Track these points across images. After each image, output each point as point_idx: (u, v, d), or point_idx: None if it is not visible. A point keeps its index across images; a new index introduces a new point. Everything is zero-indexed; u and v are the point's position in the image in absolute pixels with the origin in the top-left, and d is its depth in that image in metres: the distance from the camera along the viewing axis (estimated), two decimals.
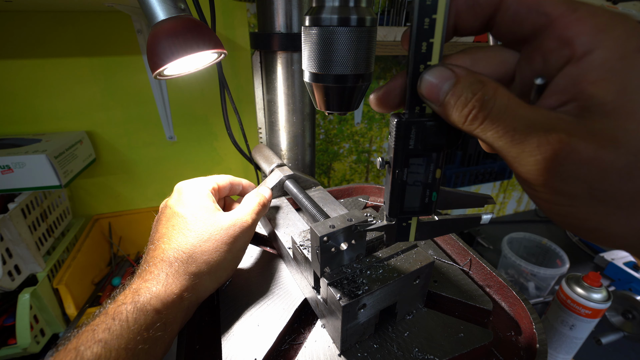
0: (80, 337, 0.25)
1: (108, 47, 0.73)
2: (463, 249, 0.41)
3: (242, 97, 0.86)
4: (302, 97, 0.52)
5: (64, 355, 0.23)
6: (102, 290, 0.79)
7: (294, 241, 0.33)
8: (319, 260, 0.27)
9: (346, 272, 0.28)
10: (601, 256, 1.01)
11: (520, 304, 0.33)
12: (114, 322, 0.25)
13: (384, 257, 0.30)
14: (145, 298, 0.27)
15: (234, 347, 0.29)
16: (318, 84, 0.28)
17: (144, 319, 0.26)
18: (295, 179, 0.47)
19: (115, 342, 0.24)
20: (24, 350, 0.63)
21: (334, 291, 0.27)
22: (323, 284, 0.28)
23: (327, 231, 0.27)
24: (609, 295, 0.61)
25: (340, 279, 0.28)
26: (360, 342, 0.29)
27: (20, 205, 0.66)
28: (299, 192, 0.44)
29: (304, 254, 0.31)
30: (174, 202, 0.34)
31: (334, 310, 0.27)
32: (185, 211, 0.33)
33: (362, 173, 1.13)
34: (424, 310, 0.32)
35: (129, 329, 0.25)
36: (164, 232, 0.32)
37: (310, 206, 0.40)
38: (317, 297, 0.30)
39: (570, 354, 0.68)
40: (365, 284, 0.28)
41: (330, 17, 0.25)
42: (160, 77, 0.37)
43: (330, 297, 0.27)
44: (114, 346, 0.24)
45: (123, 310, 0.26)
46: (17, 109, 0.73)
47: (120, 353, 0.24)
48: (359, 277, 0.28)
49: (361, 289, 0.27)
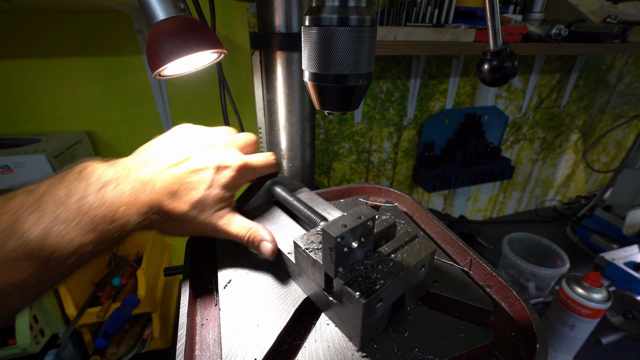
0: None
1: (108, 47, 0.73)
2: (463, 249, 0.41)
3: (242, 97, 0.86)
4: (302, 97, 0.52)
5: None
6: (102, 290, 0.79)
7: (298, 246, 0.33)
8: (334, 261, 0.27)
9: (359, 270, 0.29)
10: (601, 256, 1.01)
11: (521, 304, 0.33)
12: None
13: (391, 251, 0.31)
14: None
15: (234, 347, 0.29)
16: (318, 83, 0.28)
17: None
18: (281, 183, 0.45)
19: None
20: (23, 351, 0.63)
21: (351, 290, 0.27)
22: (338, 284, 0.28)
23: (341, 231, 0.26)
24: (609, 296, 0.61)
25: (354, 277, 0.28)
26: (376, 335, 0.30)
27: None
28: (289, 196, 0.43)
29: (312, 257, 0.31)
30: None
31: (353, 308, 0.27)
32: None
33: (362, 173, 1.13)
34: (424, 310, 0.32)
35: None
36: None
37: (303, 208, 0.40)
38: (329, 299, 0.30)
39: (571, 354, 0.68)
40: (379, 278, 0.28)
41: (330, 17, 0.25)
42: (160, 77, 0.37)
43: (348, 296, 0.27)
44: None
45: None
46: (17, 109, 0.73)
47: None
48: (372, 273, 0.29)
49: (377, 284, 0.27)
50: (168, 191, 0.33)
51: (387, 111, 1.05)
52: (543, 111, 1.29)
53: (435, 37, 0.75)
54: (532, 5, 0.96)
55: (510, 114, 1.23)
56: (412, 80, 1.01)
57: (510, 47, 0.35)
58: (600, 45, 0.91)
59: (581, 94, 1.31)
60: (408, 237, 0.33)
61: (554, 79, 1.23)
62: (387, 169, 1.17)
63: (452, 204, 1.36)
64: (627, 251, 1.01)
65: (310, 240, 0.33)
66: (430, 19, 0.79)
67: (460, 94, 1.11)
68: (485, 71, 0.36)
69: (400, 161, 1.17)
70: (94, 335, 0.75)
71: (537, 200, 1.55)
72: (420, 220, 0.49)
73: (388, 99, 1.02)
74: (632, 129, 1.54)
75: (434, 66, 1.02)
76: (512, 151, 1.34)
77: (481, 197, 1.41)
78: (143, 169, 0.33)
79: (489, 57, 0.35)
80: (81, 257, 0.28)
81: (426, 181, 1.11)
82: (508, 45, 0.34)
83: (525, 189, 1.49)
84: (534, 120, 1.30)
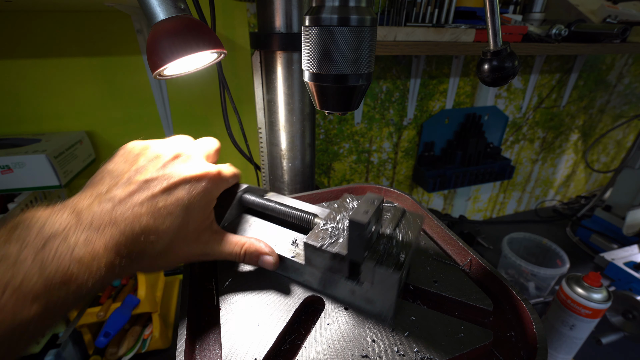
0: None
1: (108, 47, 0.73)
2: (463, 249, 0.41)
3: (242, 97, 0.86)
4: (302, 97, 0.52)
5: None
6: (102, 290, 0.79)
7: (311, 246, 0.32)
8: (363, 247, 0.29)
9: (379, 250, 0.31)
10: (601, 256, 1.01)
11: (520, 304, 0.33)
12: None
13: (393, 228, 0.34)
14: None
15: (234, 347, 0.29)
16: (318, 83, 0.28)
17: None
18: (249, 191, 0.43)
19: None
20: None
21: (384, 269, 0.29)
22: (368, 267, 0.30)
23: (368, 217, 0.28)
24: (609, 296, 0.61)
25: (380, 257, 0.30)
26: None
27: (20, 206, 0.65)
28: (269, 201, 0.41)
29: (331, 252, 0.32)
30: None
31: (386, 285, 0.29)
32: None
33: (362, 173, 1.13)
34: (424, 310, 0.32)
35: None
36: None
37: (291, 211, 0.40)
38: (354, 286, 0.32)
39: (571, 354, 0.68)
40: (399, 253, 0.30)
41: (330, 17, 0.25)
42: (160, 77, 0.37)
43: (381, 275, 0.29)
44: None
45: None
46: (17, 109, 0.73)
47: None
48: (390, 250, 0.31)
49: (400, 257, 0.30)
50: (138, 226, 0.26)
51: (387, 111, 1.05)
52: (543, 111, 1.29)
53: (435, 37, 0.75)
54: (532, 5, 0.96)
55: (510, 114, 1.23)
56: (412, 80, 1.01)
57: (510, 47, 0.35)
58: (600, 45, 0.91)
59: (581, 94, 1.31)
60: (399, 212, 0.36)
61: (554, 79, 1.23)
62: (387, 169, 1.17)
63: (452, 204, 1.36)
64: (627, 251, 1.01)
65: (320, 237, 0.33)
66: (430, 19, 0.79)
67: (460, 94, 1.11)
68: (485, 71, 0.36)
69: (400, 161, 1.17)
70: (94, 335, 0.75)
71: (537, 200, 1.55)
72: None
73: (388, 99, 1.02)
74: (632, 129, 1.54)
75: (434, 66, 1.02)
76: (512, 151, 1.34)
77: (481, 197, 1.41)
78: (98, 206, 0.26)
79: (489, 57, 0.35)
80: (23, 334, 0.20)
81: (426, 181, 1.11)
82: (508, 45, 0.34)
83: (525, 189, 1.49)
84: (534, 120, 1.30)
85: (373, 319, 0.32)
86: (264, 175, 0.63)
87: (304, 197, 0.53)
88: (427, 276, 0.36)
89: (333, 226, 0.35)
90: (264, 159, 0.61)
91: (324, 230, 0.34)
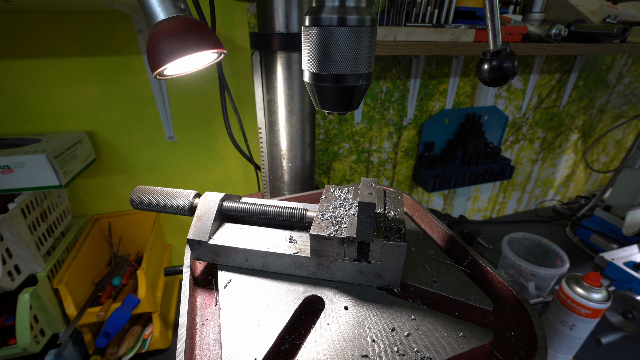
0: None
1: (108, 47, 0.73)
2: (463, 249, 0.41)
3: (242, 97, 0.86)
4: (302, 97, 0.52)
5: None
6: (102, 290, 0.79)
7: (318, 236, 0.33)
8: (372, 227, 0.31)
9: (382, 227, 0.34)
10: (601, 256, 1.01)
11: (520, 304, 0.33)
12: None
13: (384, 206, 0.38)
14: None
15: (234, 347, 0.29)
16: (318, 83, 0.28)
17: None
18: (226, 199, 0.42)
19: None
20: (23, 350, 0.63)
21: (392, 241, 0.32)
22: (377, 244, 0.32)
23: (374, 199, 0.30)
24: (609, 295, 0.61)
25: (386, 234, 0.33)
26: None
27: (20, 205, 0.66)
28: (252, 205, 0.41)
29: (340, 237, 0.33)
30: None
31: (395, 256, 0.32)
32: None
33: (362, 173, 1.13)
34: (424, 310, 0.32)
35: None
36: None
37: (281, 210, 0.40)
38: (363, 264, 0.34)
39: (570, 354, 0.68)
40: (398, 226, 0.33)
41: (330, 17, 0.25)
42: (160, 77, 0.37)
43: (391, 248, 0.32)
44: None
45: None
46: (17, 109, 0.73)
47: None
48: (389, 224, 0.34)
49: (401, 229, 0.33)
50: None
51: (387, 111, 1.05)
52: (543, 111, 1.29)
53: (435, 37, 0.75)
54: (532, 6, 0.96)
55: (510, 114, 1.23)
56: (412, 80, 1.01)
57: (510, 47, 0.35)
58: (599, 46, 0.91)
59: (581, 94, 1.31)
60: (381, 192, 0.40)
61: (553, 79, 1.23)
62: (387, 169, 1.17)
63: (452, 204, 1.36)
64: (626, 251, 1.01)
65: (324, 227, 0.34)
66: (430, 19, 0.79)
67: (460, 94, 1.11)
68: (485, 71, 0.36)
69: (400, 161, 1.17)
70: (94, 335, 0.75)
71: (537, 200, 1.55)
72: (420, 220, 0.49)
73: (388, 99, 1.02)
74: (631, 129, 1.54)
75: (433, 66, 1.02)
76: (512, 151, 1.34)
77: (481, 197, 1.41)
78: None
79: (488, 57, 0.35)
80: None
81: (426, 181, 1.11)
82: (508, 46, 0.35)
83: (525, 189, 1.49)
84: (533, 120, 1.30)
85: (373, 319, 0.32)
86: (264, 175, 0.63)
87: (304, 197, 0.53)
88: (426, 276, 0.36)
89: (331, 215, 0.36)
90: (264, 159, 0.61)
91: (324, 220, 0.35)
